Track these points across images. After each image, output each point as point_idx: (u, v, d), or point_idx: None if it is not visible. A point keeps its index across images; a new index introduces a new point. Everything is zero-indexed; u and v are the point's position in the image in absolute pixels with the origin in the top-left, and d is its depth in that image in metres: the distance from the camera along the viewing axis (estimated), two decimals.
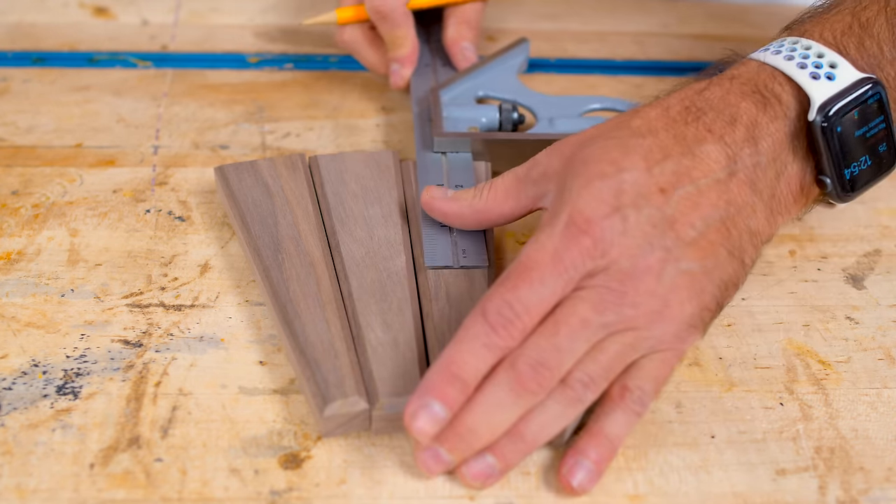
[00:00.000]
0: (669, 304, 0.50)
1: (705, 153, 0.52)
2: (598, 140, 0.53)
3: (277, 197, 0.60)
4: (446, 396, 0.48)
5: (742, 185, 0.52)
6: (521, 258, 0.50)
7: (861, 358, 0.57)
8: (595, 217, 0.50)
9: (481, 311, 0.49)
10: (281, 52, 0.77)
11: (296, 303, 0.55)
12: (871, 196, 0.66)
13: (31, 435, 0.51)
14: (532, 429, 0.49)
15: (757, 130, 0.53)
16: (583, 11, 0.82)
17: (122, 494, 0.48)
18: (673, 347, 0.51)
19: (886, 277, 0.61)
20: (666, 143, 0.52)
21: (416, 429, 0.48)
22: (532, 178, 0.55)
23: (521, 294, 0.49)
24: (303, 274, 0.56)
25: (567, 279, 0.50)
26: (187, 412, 0.52)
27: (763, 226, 0.54)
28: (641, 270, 0.50)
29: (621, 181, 0.51)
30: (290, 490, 0.49)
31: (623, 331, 0.50)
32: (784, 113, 0.54)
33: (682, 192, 0.51)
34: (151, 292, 0.58)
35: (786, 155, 0.54)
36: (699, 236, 0.51)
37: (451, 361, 0.49)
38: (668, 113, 0.54)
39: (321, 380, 0.51)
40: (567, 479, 0.49)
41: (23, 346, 0.55)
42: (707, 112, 0.54)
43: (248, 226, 0.59)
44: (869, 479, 0.51)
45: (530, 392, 0.48)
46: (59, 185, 0.64)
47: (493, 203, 0.56)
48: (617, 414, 0.50)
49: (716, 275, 0.52)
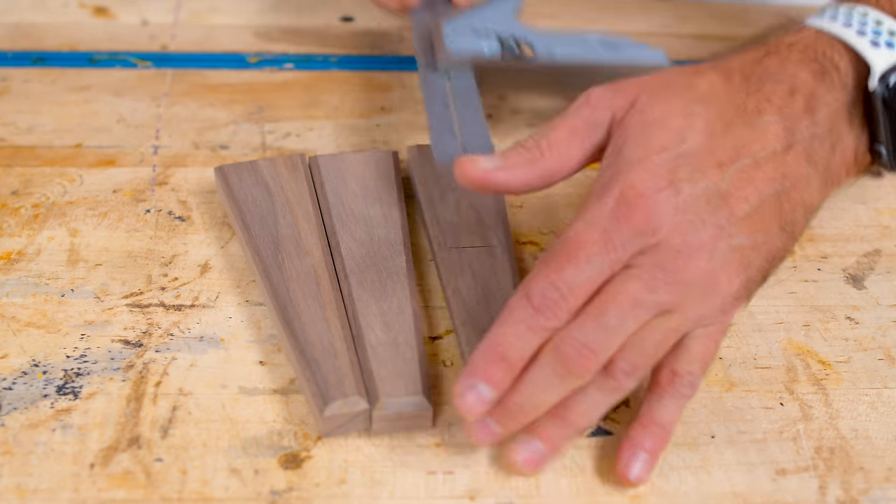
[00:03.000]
0: (718, 280, 0.50)
1: (764, 125, 0.52)
2: (664, 96, 0.52)
3: (277, 197, 0.60)
4: (492, 378, 0.48)
5: (799, 158, 0.52)
6: (569, 235, 0.49)
7: (861, 358, 0.57)
8: (647, 191, 0.49)
9: (525, 293, 0.48)
10: (281, 52, 0.77)
11: (296, 303, 0.55)
12: (871, 196, 0.67)
13: (31, 435, 0.51)
14: (575, 414, 0.49)
15: (815, 101, 0.53)
16: (583, 11, 0.82)
17: (122, 494, 0.48)
18: (717, 321, 0.51)
19: (886, 277, 0.61)
20: (727, 113, 0.52)
21: (464, 408, 0.48)
22: (598, 123, 0.52)
23: (566, 275, 0.48)
24: (303, 274, 0.56)
25: (616, 258, 0.48)
26: (187, 412, 0.52)
27: (816, 197, 0.53)
28: (694, 248, 0.49)
29: (679, 154, 0.50)
30: (290, 490, 0.49)
31: (670, 312, 0.49)
32: (842, 82, 0.53)
33: (740, 165, 0.50)
34: (151, 292, 0.58)
35: (842, 125, 0.53)
36: (752, 211, 0.50)
37: (497, 343, 0.48)
38: (731, 81, 0.53)
39: (321, 380, 0.51)
40: (625, 473, 0.49)
41: (23, 346, 0.55)
42: (766, 82, 0.53)
43: (248, 226, 0.59)
44: (869, 479, 0.51)
45: (575, 375, 0.48)
46: (59, 185, 0.64)
47: (560, 159, 0.52)
48: (667, 400, 0.50)
49: (764, 249, 0.51)
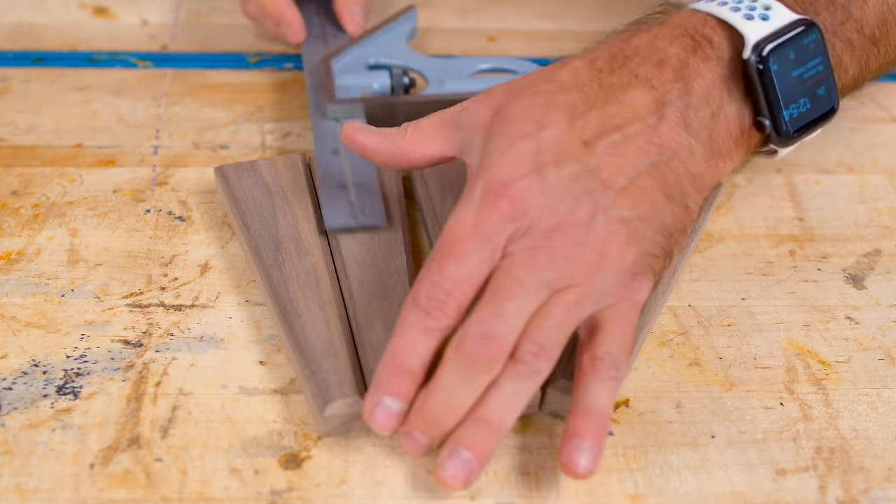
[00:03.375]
0: (607, 253, 0.49)
1: (630, 98, 0.51)
2: (525, 94, 0.52)
3: (277, 197, 0.60)
4: (396, 390, 0.48)
5: (675, 127, 0.51)
6: (443, 236, 0.49)
7: (861, 358, 0.57)
8: (511, 179, 0.49)
9: (413, 299, 0.48)
10: (281, 52, 0.77)
11: (296, 303, 0.55)
12: (871, 196, 0.67)
13: (31, 435, 0.51)
14: (494, 411, 0.48)
15: (686, 71, 0.52)
16: (583, 11, 0.82)
17: (122, 494, 0.48)
18: (624, 298, 0.50)
19: (886, 277, 0.61)
20: (591, 94, 0.52)
21: (375, 426, 0.48)
22: (460, 123, 0.54)
23: (447, 272, 0.48)
24: (303, 274, 0.56)
25: (492, 247, 0.49)
26: (187, 412, 0.52)
27: (704, 168, 0.53)
28: (569, 224, 0.49)
29: (540, 140, 0.50)
30: (290, 490, 0.49)
31: (564, 289, 0.49)
32: (716, 55, 0.53)
33: (607, 141, 0.50)
34: (151, 292, 0.58)
35: (720, 95, 0.53)
36: (629, 183, 0.50)
37: (394, 354, 0.48)
38: (595, 63, 0.53)
39: (321, 380, 0.51)
40: (571, 468, 0.48)
41: (23, 346, 0.55)
42: (633, 58, 0.53)
43: (249, 226, 0.59)
44: (869, 479, 0.51)
45: (481, 368, 0.47)
46: (59, 185, 0.64)
47: (418, 143, 0.54)
48: (595, 386, 0.49)
49: (655, 220, 0.51)
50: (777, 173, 0.68)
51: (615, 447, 0.52)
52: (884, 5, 0.56)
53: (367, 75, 0.68)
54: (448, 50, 0.77)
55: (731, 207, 0.65)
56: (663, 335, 0.57)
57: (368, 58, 0.70)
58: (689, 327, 0.58)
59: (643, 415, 0.53)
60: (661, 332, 0.57)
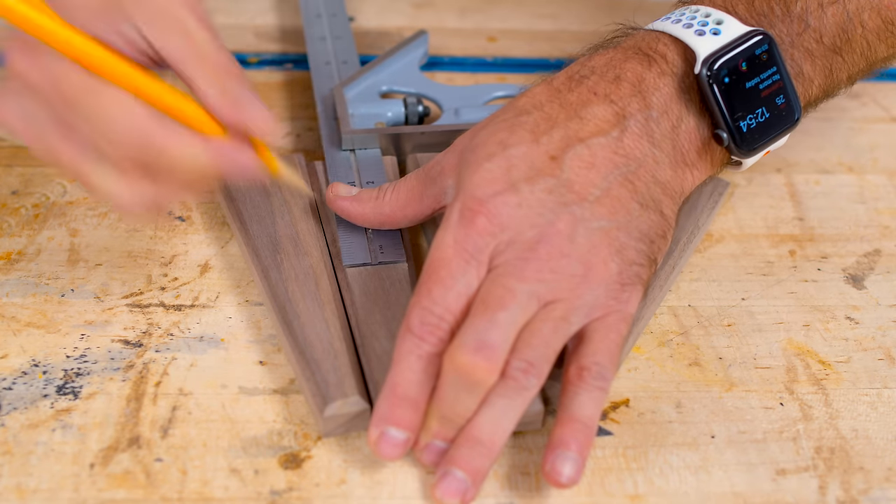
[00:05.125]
0: (591, 265, 0.50)
1: (592, 114, 0.52)
2: (487, 126, 0.53)
3: (275, 197, 0.60)
4: (400, 420, 0.48)
5: (637, 139, 0.52)
6: (428, 262, 0.50)
7: (861, 358, 0.57)
8: (485, 196, 0.50)
9: (406, 327, 0.49)
10: (281, 52, 0.77)
11: (295, 303, 0.55)
12: (871, 196, 0.67)
13: (31, 435, 0.51)
14: (485, 430, 0.48)
15: (643, 85, 0.53)
16: (583, 11, 0.82)
17: (122, 494, 0.48)
18: (614, 310, 0.50)
19: (886, 277, 0.61)
20: (552, 114, 0.52)
21: (382, 456, 0.48)
22: (431, 176, 0.55)
23: (435, 297, 0.49)
24: (301, 274, 0.56)
25: (476, 265, 0.49)
26: (187, 412, 0.52)
27: (671, 176, 0.53)
28: (551, 235, 0.50)
29: (509, 157, 0.51)
30: (290, 490, 0.49)
31: (552, 302, 0.49)
32: (670, 70, 0.54)
33: (574, 154, 0.51)
34: (151, 292, 0.58)
35: (678, 108, 0.54)
36: (603, 194, 0.51)
37: (395, 384, 0.49)
38: (552, 85, 0.54)
39: (321, 380, 0.51)
40: (554, 477, 0.48)
41: (23, 346, 0.55)
42: (590, 76, 0.54)
43: (247, 226, 0.59)
44: (869, 479, 0.51)
45: (478, 382, 0.47)
46: (59, 185, 0.64)
47: (396, 205, 0.56)
48: (581, 396, 0.49)
49: (633, 228, 0.51)
50: (777, 173, 0.68)
51: (615, 447, 0.52)
52: (843, 14, 0.56)
53: (380, 104, 0.67)
54: (447, 50, 0.77)
55: (731, 207, 0.65)
56: (663, 335, 0.57)
57: (381, 85, 0.69)
58: (689, 327, 0.58)
59: (643, 415, 0.53)
60: (661, 332, 0.57)
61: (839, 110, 0.74)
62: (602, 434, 0.52)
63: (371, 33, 0.79)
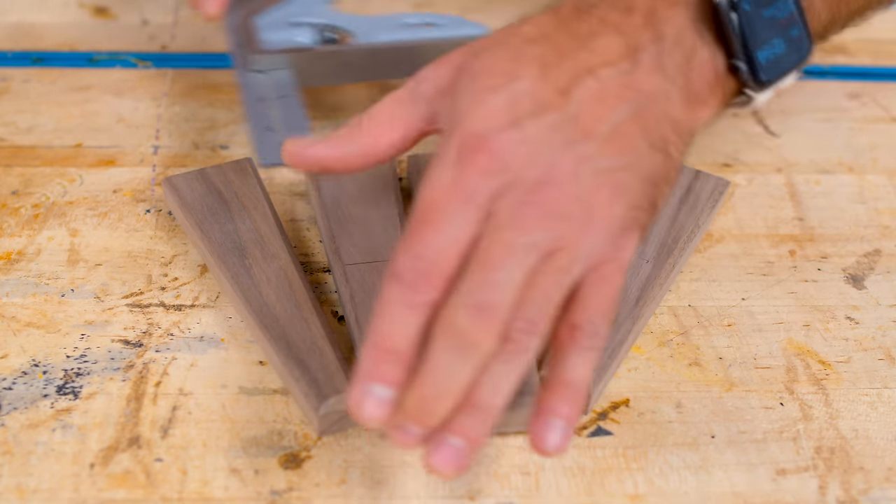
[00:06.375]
0: (594, 208, 0.46)
1: (602, 45, 0.49)
2: (489, 49, 0.50)
3: (233, 203, 0.60)
4: (386, 376, 0.44)
5: (650, 72, 0.49)
6: (419, 203, 0.46)
7: (861, 358, 0.57)
8: (487, 131, 0.46)
9: (393, 274, 0.44)
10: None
11: (271, 306, 0.54)
12: (871, 196, 0.67)
13: (31, 435, 0.51)
14: (484, 397, 0.44)
15: (655, 16, 0.50)
16: None
17: (123, 494, 0.48)
18: (610, 258, 0.47)
19: (886, 277, 0.61)
20: (560, 44, 0.49)
21: (365, 418, 0.44)
22: (422, 94, 0.50)
23: (428, 241, 0.44)
24: (273, 277, 0.56)
25: (475, 207, 0.45)
26: (187, 412, 0.52)
27: (682, 113, 0.50)
28: (554, 176, 0.46)
29: (514, 91, 0.47)
30: (290, 490, 0.49)
31: (553, 252, 0.45)
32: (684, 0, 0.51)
33: (583, 88, 0.48)
34: (151, 292, 0.58)
35: (692, 38, 0.51)
36: (612, 131, 0.47)
37: (380, 336, 0.44)
38: (559, 14, 0.51)
39: (311, 380, 0.51)
40: (540, 445, 0.45)
41: (23, 346, 0.55)
42: (599, 6, 0.50)
43: (208, 234, 0.58)
44: (869, 479, 0.51)
45: (476, 345, 0.43)
46: (59, 185, 0.64)
47: (379, 132, 0.51)
48: (574, 358, 0.46)
49: (639, 169, 0.48)
50: (777, 173, 0.68)
51: (615, 447, 0.52)
52: None
53: (291, 31, 0.66)
54: None
55: (731, 207, 0.65)
56: (663, 335, 0.57)
57: (291, 17, 0.69)
58: (689, 327, 0.58)
59: (643, 415, 0.53)
60: (661, 332, 0.57)
61: (839, 110, 0.74)
62: (602, 434, 0.52)
63: None
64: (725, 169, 0.68)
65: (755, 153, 0.70)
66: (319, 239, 0.61)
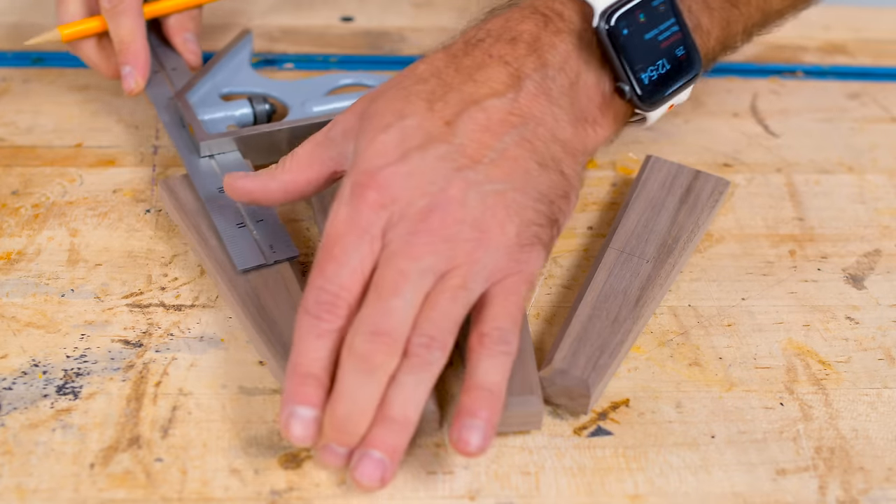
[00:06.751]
0: (486, 228, 0.49)
1: (487, 76, 0.52)
2: (385, 92, 0.53)
3: None
4: (305, 397, 0.47)
5: (534, 98, 0.52)
6: (322, 239, 0.50)
7: (861, 358, 0.57)
8: (376, 168, 0.50)
9: (303, 307, 0.49)
10: (281, 52, 0.77)
11: (269, 310, 0.54)
12: (871, 196, 0.67)
13: (31, 435, 0.51)
14: (397, 408, 0.47)
15: (539, 45, 0.53)
16: None
17: (123, 494, 0.48)
18: (514, 272, 0.50)
19: (886, 277, 0.61)
20: (448, 79, 0.52)
21: (293, 439, 0.47)
22: (332, 138, 0.54)
23: (329, 274, 0.48)
24: (270, 280, 0.56)
25: (370, 239, 0.49)
26: (187, 412, 0.52)
27: (571, 134, 0.53)
28: (443, 202, 0.49)
29: (403, 127, 0.51)
30: (290, 490, 0.49)
31: (448, 273, 0.49)
32: (567, 27, 0.54)
33: (469, 118, 0.51)
34: (151, 292, 0.58)
35: (576, 64, 0.54)
36: (498, 156, 0.51)
37: (297, 363, 0.48)
38: (450, 51, 0.54)
39: None
40: (461, 447, 0.47)
41: (23, 346, 0.55)
42: (485, 39, 0.54)
43: (206, 238, 0.58)
44: (869, 479, 0.51)
45: (378, 366, 0.47)
46: (59, 185, 0.64)
47: (298, 171, 0.55)
48: (485, 362, 0.48)
49: (531, 189, 0.51)
50: (777, 173, 0.68)
51: (615, 447, 0.52)
52: None
53: (226, 106, 0.66)
54: None
55: (731, 207, 0.65)
56: (663, 335, 0.57)
57: (220, 88, 0.68)
58: (689, 327, 0.58)
59: (643, 415, 0.53)
60: (661, 332, 0.57)
61: (839, 110, 0.74)
62: (602, 434, 0.52)
63: (371, 33, 0.79)
64: (725, 169, 0.68)
65: (755, 153, 0.70)
66: (319, 239, 0.61)
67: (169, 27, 0.69)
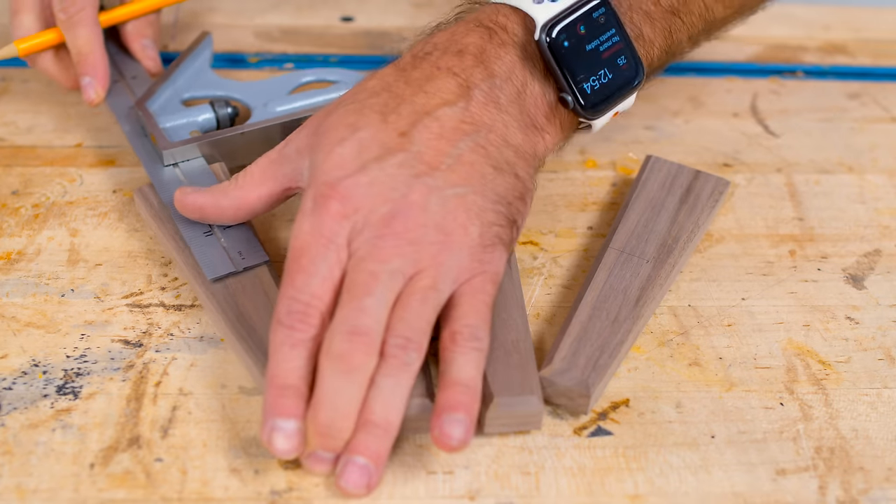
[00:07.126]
0: (449, 230, 0.51)
1: (437, 87, 0.54)
2: (338, 107, 0.54)
3: None
4: (285, 409, 0.48)
5: (484, 106, 0.54)
6: (289, 252, 0.51)
7: (861, 358, 0.57)
8: (336, 179, 0.51)
9: (276, 320, 0.49)
10: (281, 52, 0.77)
11: (248, 317, 0.54)
12: (871, 196, 0.67)
13: (31, 435, 0.51)
14: (378, 413, 0.48)
15: (485, 56, 0.55)
16: None
17: (123, 494, 0.48)
18: (479, 272, 0.51)
19: (886, 277, 0.61)
20: (399, 92, 0.54)
21: (277, 452, 0.48)
22: (286, 155, 0.55)
23: (299, 284, 0.49)
24: (248, 286, 0.56)
25: (336, 248, 0.50)
26: (187, 412, 0.52)
27: (521, 139, 0.55)
28: (405, 207, 0.50)
29: (359, 140, 0.52)
30: (290, 490, 0.49)
31: (416, 274, 0.50)
32: (511, 40, 0.55)
33: (423, 128, 0.52)
34: (151, 292, 0.58)
35: (522, 75, 0.55)
36: (455, 162, 0.52)
37: (274, 376, 0.48)
38: (399, 65, 0.55)
39: None
40: (444, 441, 0.48)
41: (23, 346, 0.55)
42: (433, 52, 0.55)
43: (181, 245, 0.58)
44: (869, 479, 0.51)
45: (357, 367, 0.48)
46: (59, 185, 0.64)
47: (251, 188, 0.55)
48: (459, 359, 0.49)
49: (489, 191, 0.52)
50: (777, 173, 0.68)
51: (615, 447, 0.52)
52: None
53: (187, 112, 0.65)
54: None
55: (731, 207, 0.65)
56: (663, 335, 0.57)
57: (182, 93, 0.67)
58: (689, 327, 0.58)
59: (643, 415, 0.53)
60: (661, 332, 0.57)
61: (839, 110, 0.74)
62: (602, 434, 0.52)
63: (371, 33, 0.79)
64: (725, 169, 0.68)
65: (755, 153, 0.70)
66: None
67: (126, 34, 0.69)
